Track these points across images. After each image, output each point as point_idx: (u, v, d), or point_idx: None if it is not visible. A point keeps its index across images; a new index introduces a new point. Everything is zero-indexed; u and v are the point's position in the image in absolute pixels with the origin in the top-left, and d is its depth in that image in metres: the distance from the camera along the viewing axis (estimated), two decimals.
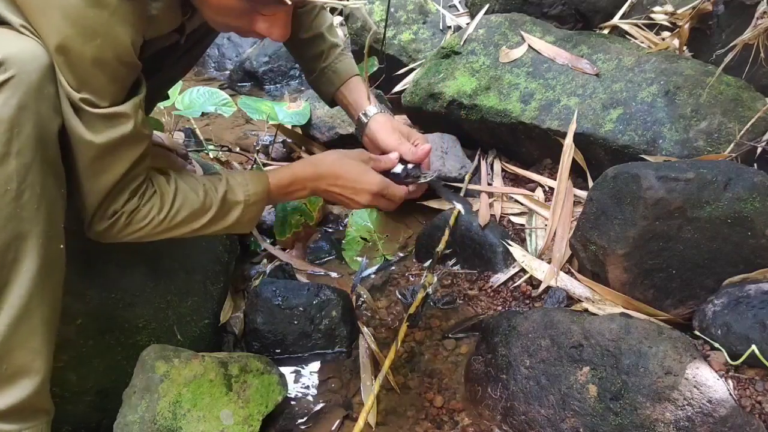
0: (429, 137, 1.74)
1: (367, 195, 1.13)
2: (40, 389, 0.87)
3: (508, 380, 1.15)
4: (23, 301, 0.82)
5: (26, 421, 0.86)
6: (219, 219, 1.04)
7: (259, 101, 1.94)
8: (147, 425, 1.01)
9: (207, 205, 1.02)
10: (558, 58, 1.65)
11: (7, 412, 0.84)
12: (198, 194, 1.01)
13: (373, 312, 1.47)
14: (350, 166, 1.14)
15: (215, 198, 1.03)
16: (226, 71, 2.91)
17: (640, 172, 1.17)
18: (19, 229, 0.81)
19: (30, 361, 0.85)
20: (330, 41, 1.34)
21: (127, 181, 0.93)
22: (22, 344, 0.84)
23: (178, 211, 0.99)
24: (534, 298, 1.39)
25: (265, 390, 1.16)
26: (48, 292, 0.86)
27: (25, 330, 0.83)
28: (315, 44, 1.34)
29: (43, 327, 0.86)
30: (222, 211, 1.04)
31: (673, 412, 0.97)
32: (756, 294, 1.08)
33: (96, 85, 0.84)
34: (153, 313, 1.21)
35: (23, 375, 0.85)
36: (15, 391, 0.84)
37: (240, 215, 1.06)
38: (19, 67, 0.78)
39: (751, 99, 1.43)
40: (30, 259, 0.82)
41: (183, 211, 1.00)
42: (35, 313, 0.84)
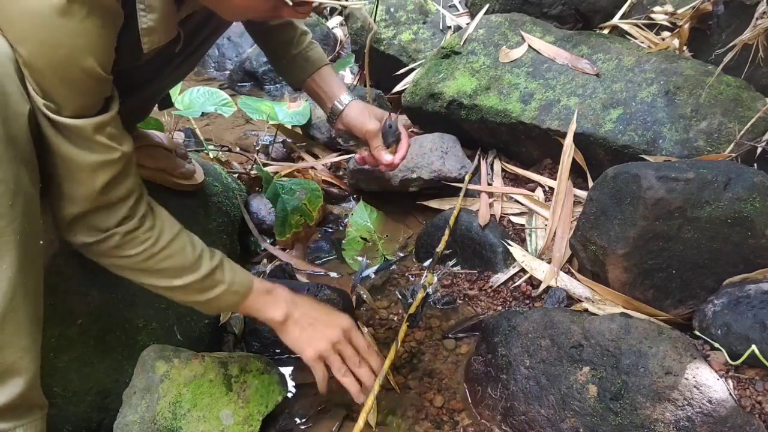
0: (429, 137, 1.75)
1: (337, 331, 1.10)
2: (32, 385, 0.87)
3: (508, 380, 1.15)
4: (6, 300, 0.82)
5: (21, 418, 0.87)
6: (197, 289, 1.01)
7: (259, 101, 1.94)
8: (147, 425, 1.01)
9: (197, 265, 1.00)
10: (558, 58, 1.65)
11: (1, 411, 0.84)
12: (194, 251, 1.01)
13: (373, 312, 1.47)
14: (324, 305, 1.17)
15: (205, 265, 1.01)
16: (226, 71, 2.91)
17: (640, 172, 1.17)
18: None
19: (19, 358, 0.85)
20: (300, 28, 1.35)
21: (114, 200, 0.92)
22: (9, 342, 0.83)
23: (169, 255, 0.98)
24: (534, 298, 1.39)
25: (265, 390, 1.17)
26: (30, 288, 0.85)
27: (11, 328, 0.83)
28: (285, 31, 1.34)
29: (28, 323, 0.85)
30: (203, 282, 1.01)
31: (673, 412, 0.97)
32: (756, 294, 1.08)
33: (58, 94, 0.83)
34: (153, 314, 1.21)
35: (13, 373, 0.85)
36: (6, 390, 0.84)
37: (219, 295, 1.03)
38: None
39: (751, 99, 1.43)
40: (9, 257, 0.81)
41: (173, 259, 0.98)
42: (19, 310, 0.84)
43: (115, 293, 1.16)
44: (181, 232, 1.01)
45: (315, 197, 1.66)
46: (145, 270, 0.98)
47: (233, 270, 1.05)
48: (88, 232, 0.93)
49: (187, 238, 1.01)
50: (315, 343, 1.09)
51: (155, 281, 0.99)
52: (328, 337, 1.09)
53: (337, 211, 1.79)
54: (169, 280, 0.99)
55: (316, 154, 1.96)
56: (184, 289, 1.01)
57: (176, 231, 1.00)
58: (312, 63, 1.35)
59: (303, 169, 1.86)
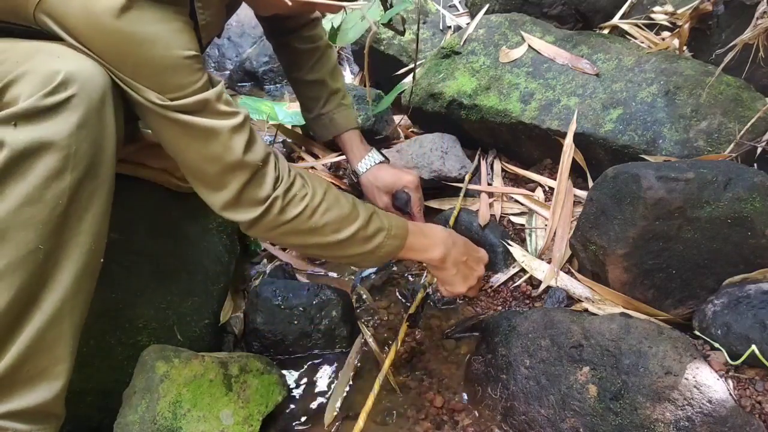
0: (429, 137, 1.75)
1: (482, 266, 1.21)
2: (58, 395, 0.87)
3: (508, 380, 1.15)
4: (55, 308, 0.83)
5: (37, 424, 0.87)
6: (362, 239, 1.02)
7: (259, 101, 1.94)
8: (147, 425, 1.01)
9: (354, 214, 1.01)
10: (558, 58, 1.65)
11: (21, 413, 0.84)
12: (348, 200, 1.02)
13: (373, 312, 1.47)
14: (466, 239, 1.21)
15: (363, 211, 1.02)
16: (226, 71, 2.91)
17: (640, 172, 1.17)
18: (63, 241, 0.83)
19: (52, 366, 0.85)
20: (331, 88, 1.41)
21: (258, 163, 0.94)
22: (47, 349, 0.84)
23: (328, 208, 0.99)
24: (534, 298, 1.39)
25: (265, 390, 1.17)
26: (80, 301, 0.87)
27: (52, 336, 0.84)
28: (316, 88, 1.42)
29: (69, 335, 0.86)
30: (366, 229, 1.02)
31: (673, 412, 0.97)
32: (756, 294, 1.08)
33: (173, 83, 0.87)
34: (154, 314, 1.21)
35: (43, 379, 0.85)
36: (33, 395, 0.85)
37: (381, 242, 1.04)
38: (80, 86, 0.81)
39: (751, 99, 1.43)
40: (68, 270, 0.84)
41: (332, 211, 0.99)
42: (65, 320, 0.85)
43: (115, 293, 1.16)
44: (330, 184, 1.03)
45: None
46: (312, 229, 0.98)
47: (387, 215, 1.07)
48: (251, 208, 0.95)
49: (336, 190, 1.02)
50: (468, 281, 1.19)
51: (323, 238, 1.00)
52: (477, 275, 1.20)
53: None
54: (335, 234, 1.00)
55: (316, 154, 1.96)
56: (350, 242, 1.01)
57: (325, 183, 1.02)
58: (336, 126, 1.42)
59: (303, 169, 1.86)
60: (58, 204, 0.80)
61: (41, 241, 0.80)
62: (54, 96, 0.79)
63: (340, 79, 1.45)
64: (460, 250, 1.16)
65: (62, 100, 0.79)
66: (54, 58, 0.82)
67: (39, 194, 0.79)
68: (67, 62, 0.81)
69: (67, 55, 0.83)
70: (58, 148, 0.79)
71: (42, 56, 0.82)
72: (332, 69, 1.42)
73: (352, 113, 1.45)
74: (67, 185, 0.81)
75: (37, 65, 0.80)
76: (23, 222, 0.78)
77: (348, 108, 1.44)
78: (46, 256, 0.81)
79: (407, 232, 1.08)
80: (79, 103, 0.81)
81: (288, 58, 1.44)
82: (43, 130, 0.78)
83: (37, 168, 0.78)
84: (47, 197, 0.79)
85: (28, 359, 0.83)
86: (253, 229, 0.98)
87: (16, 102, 0.78)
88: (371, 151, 1.46)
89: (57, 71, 0.80)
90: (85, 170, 0.83)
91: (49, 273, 0.83)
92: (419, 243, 1.11)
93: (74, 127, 0.80)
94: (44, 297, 0.83)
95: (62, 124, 0.79)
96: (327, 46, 1.43)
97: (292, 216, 0.97)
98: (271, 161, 0.97)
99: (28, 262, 0.80)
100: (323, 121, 1.43)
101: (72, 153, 0.80)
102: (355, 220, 1.01)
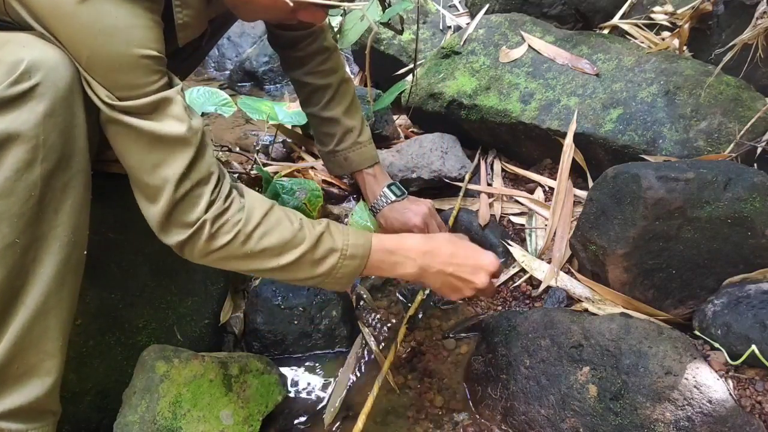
0: (429, 137, 1.74)
1: (485, 275, 1.04)
2: (51, 391, 0.87)
3: (508, 380, 1.15)
4: (39, 303, 0.83)
5: (32, 422, 0.86)
6: (309, 262, 0.95)
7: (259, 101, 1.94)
8: (147, 425, 1.01)
9: (300, 237, 0.94)
10: (558, 58, 1.65)
11: (15, 412, 0.84)
12: (292, 223, 0.94)
13: (373, 312, 1.47)
14: (464, 244, 1.07)
15: (310, 234, 0.95)
16: (226, 71, 2.91)
17: (640, 172, 1.17)
18: (40, 233, 0.82)
19: (41, 361, 0.85)
20: (345, 126, 1.38)
21: (195, 183, 0.88)
22: (34, 345, 0.84)
23: (266, 233, 0.92)
24: (534, 298, 1.39)
25: (265, 390, 1.17)
26: (65, 295, 0.86)
27: (38, 331, 0.84)
28: (330, 125, 1.39)
29: (57, 330, 0.86)
30: (314, 252, 0.95)
31: (673, 412, 0.97)
32: (756, 294, 1.08)
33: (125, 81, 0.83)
34: (153, 313, 1.21)
35: (34, 376, 0.85)
36: (25, 392, 0.84)
37: (335, 264, 0.96)
38: (45, 74, 0.79)
39: (751, 99, 1.43)
40: (49, 263, 0.83)
41: (272, 235, 0.92)
42: (50, 315, 0.84)
43: (114, 293, 1.16)
44: (273, 206, 0.95)
45: (315, 197, 1.66)
46: (249, 255, 0.92)
47: (344, 233, 0.98)
48: (179, 229, 0.89)
49: (281, 212, 0.95)
50: (459, 293, 1.06)
51: (262, 264, 0.93)
52: (473, 287, 1.05)
53: (337, 211, 1.78)
54: (276, 260, 0.93)
55: (316, 154, 1.96)
56: (297, 266, 0.94)
57: (267, 206, 0.94)
58: (350, 166, 1.40)
59: (303, 169, 1.85)
60: (30, 196, 0.79)
61: (17, 234, 0.79)
62: (18, 85, 0.77)
63: (356, 115, 1.39)
64: (443, 260, 1.03)
65: (26, 89, 0.78)
66: (19, 47, 0.80)
67: (10, 186, 0.78)
68: (31, 51, 0.79)
69: (32, 44, 0.81)
70: (26, 138, 0.77)
71: (9, 46, 0.80)
72: (348, 106, 1.38)
73: (367, 151, 1.39)
74: (38, 176, 0.79)
75: (3, 55, 0.79)
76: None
77: (364, 146, 1.38)
78: (23, 249, 0.80)
79: (369, 251, 0.99)
80: (44, 92, 0.79)
81: (303, 94, 1.42)
82: (9, 122, 0.77)
83: (6, 160, 0.77)
84: (18, 189, 0.78)
85: (16, 356, 0.82)
86: (184, 252, 0.92)
87: None
88: (384, 189, 1.40)
89: (20, 60, 0.78)
90: (56, 161, 0.81)
91: (28, 267, 0.82)
92: (386, 260, 1.01)
93: (41, 117, 0.78)
94: (26, 291, 0.82)
95: (28, 114, 0.78)
96: (342, 82, 1.38)
97: (222, 243, 0.90)
98: (211, 182, 0.90)
99: (6, 257, 0.79)
100: (337, 158, 1.40)
101: (40, 143, 0.78)
102: (299, 244, 0.94)
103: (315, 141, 1.47)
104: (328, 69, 1.38)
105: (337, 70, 1.39)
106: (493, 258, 1.07)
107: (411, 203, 1.39)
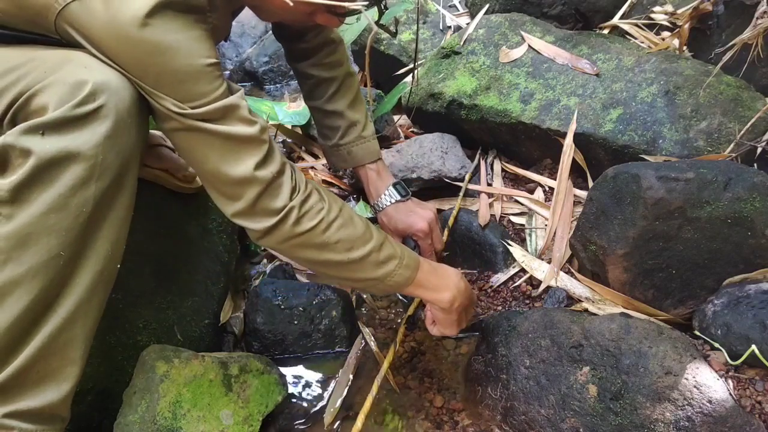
0: (429, 137, 1.74)
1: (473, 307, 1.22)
2: (66, 398, 0.87)
3: (508, 380, 1.15)
4: (70, 312, 0.84)
5: (42, 424, 0.86)
6: (374, 262, 1.01)
7: (259, 101, 1.94)
8: (147, 425, 1.01)
9: (368, 235, 1.00)
10: (558, 58, 1.65)
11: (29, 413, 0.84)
12: (362, 220, 1.01)
13: (373, 312, 1.47)
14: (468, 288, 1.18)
15: (377, 234, 1.01)
16: (226, 71, 2.91)
17: (640, 172, 1.17)
18: (83, 247, 0.84)
19: (62, 367, 0.86)
20: (349, 119, 1.38)
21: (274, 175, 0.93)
22: (59, 351, 0.85)
23: (343, 224, 0.98)
24: (534, 298, 1.39)
25: (265, 390, 1.17)
26: (94, 305, 0.88)
27: (65, 338, 0.84)
28: (334, 118, 1.39)
29: (82, 338, 0.87)
30: (379, 253, 1.01)
31: (673, 412, 0.97)
32: (756, 294, 1.08)
33: (195, 91, 0.87)
34: (154, 313, 1.21)
35: (53, 381, 0.85)
36: (41, 396, 0.85)
37: (392, 270, 1.02)
38: (108, 97, 0.82)
39: (751, 99, 1.43)
40: (85, 275, 0.84)
41: (346, 228, 0.98)
42: (78, 323, 0.85)
43: (115, 293, 1.15)
44: (345, 202, 1.02)
45: None
46: (325, 244, 0.97)
47: (401, 245, 1.06)
48: (266, 217, 0.94)
49: (350, 209, 1.02)
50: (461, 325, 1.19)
51: (335, 255, 0.98)
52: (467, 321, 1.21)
53: None
54: (347, 253, 0.98)
55: (316, 154, 1.96)
56: (362, 263, 1.00)
57: (340, 201, 1.01)
58: (353, 160, 1.40)
59: (303, 169, 1.86)
60: (81, 212, 0.81)
61: (63, 247, 0.81)
62: (83, 107, 0.80)
63: (360, 109, 1.40)
64: (466, 295, 1.15)
65: (90, 111, 0.80)
66: (81, 68, 0.82)
67: (64, 202, 0.80)
68: (94, 73, 0.82)
69: (94, 66, 0.84)
70: (85, 158, 0.80)
71: (70, 66, 0.83)
72: (352, 100, 1.38)
73: (371, 146, 1.40)
74: (92, 194, 0.82)
75: (65, 75, 0.81)
76: (47, 228, 0.79)
77: (367, 141, 1.39)
78: (66, 262, 0.82)
79: (419, 266, 1.07)
80: (107, 114, 0.82)
81: (307, 87, 1.41)
82: (71, 140, 0.79)
83: (64, 177, 0.79)
84: (72, 205, 0.80)
85: (40, 360, 0.83)
86: (265, 239, 0.97)
87: (45, 111, 0.79)
88: (389, 187, 1.40)
89: (85, 81, 0.80)
90: (110, 180, 0.84)
91: (67, 278, 0.83)
92: (431, 281, 1.09)
93: (102, 138, 0.81)
94: (60, 301, 0.83)
95: (90, 135, 0.80)
96: (347, 75, 1.39)
97: (306, 228, 0.95)
98: (287, 171, 0.96)
99: (50, 268, 0.81)
100: (341, 152, 1.40)
101: (98, 162, 0.81)
102: (369, 241, 1.00)
103: (317, 135, 1.47)
104: (334, 61, 1.38)
105: (342, 62, 1.39)
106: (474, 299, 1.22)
107: (416, 206, 1.39)
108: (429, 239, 1.37)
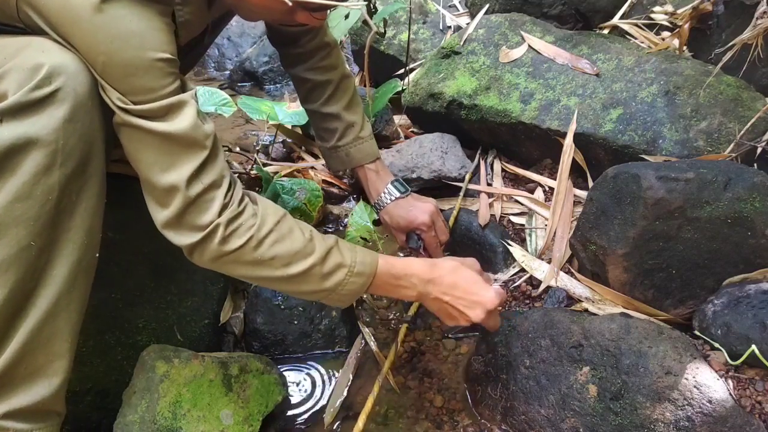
0: (429, 137, 1.75)
1: (482, 311, 1.03)
2: (57, 392, 0.87)
3: (508, 380, 1.15)
4: (50, 305, 0.83)
5: (37, 422, 0.86)
6: (318, 275, 0.95)
7: (259, 101, 1.94)
8: (147, 425, 1.01)
9: (309, 248, 0.94)
10: (558, 58, 1.65)
11: (21, 412, 0.84)
12: (303, 233, 0.95)
13: (373, 312, 1.47)
14: (469, 276, 1.05)
15: (320, 246, 0.95)
16: (226, 71, 2.91)
17: (640, 172, 1.17)
18: (55, 236, 0.82)
19: (49, 362, 0.85)
20: (346, 121, 1.37)
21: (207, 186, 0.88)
22: (43, 346, 0.84)
23: (277, 240, 0.92)
24: (534, 298, 1.39)
25: (265, 390, 1.17)
26: (75, 297, 0.87)
27: (48, 332, 0.84)
28: (331, 121, 1.39)
29: (66, 331, 0.86)
30: (323, 265, 0.95)
31: (673, 412, 0.97)
32: (756, 294, 1.08)
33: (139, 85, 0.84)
34: (153, 313, 1.21)
35: (41, 376, 0.85)
36: (31, 393, 0.84)
37: (342, 280, 0.97)
38: (65, 80, 0.80)
39: (751, 99, 1.43)
40: (62, 265, 0.83)
41: (282, 243, 0.92)
42: (60, 316, 0.85)
43: (114, 293, 1.16)
44: (285, 215, 0.96)
45: (315, 197, 1.66)
46: (258, 261, 0.91)
47: (352, 250, 0.99)
48: (191, 232, 0.89)
49: (293, 222, 0.96)
50: (454, 321, 1.07)
51: (271, 272, 0.93)
52: (468, 320, 1.05)
53: (337, 211, 1.78)
54: (285, 269, 0.93)
55: (316, 154, 1.96)
56: (304, 277, 0.94)
57: (280, 214, 0.95)
58: (351, 160, 1.39)
59: (303, 169, 1.86)
60: (47, 200, 0.80)
61: (33, 237, 0.80)
62: (38, 90, 0.78)
63: (357, 110, 1.39)
64: (442, 289, 1.04)
65: (47, 95, 0.78)
66: (39, 52, 0.80)
67: (29, 190, 0.78)
68: (51, 56, 0.80)
69: (51, 50, 0.81)
70: (45, 143, 0.78)
71: (28, 51, 0.81)
72: (348, 101, 1.38)
73: (369, 147, 1.39)
74: (56, 181, 0.80)
75: (23, 60, 0.79)
76: (14, 219, 0.78)
77: (365, 141, 1.39)
78: (38, 252, 0.81)
79: (375, 270, 1.00)
80: (64, 98, 0.80)
81: (303, 90, 1.41)
82: (29, 126, 0.78)
83: (26, 164, 0.78)
84: (37, 193, 0.79)
85: (25, 356, 0.83)
86: (193, 256, 0.92)
87: (5, 98, 0.78)
88: (388, 185, 1.39)
89: (41, 65, 0.79)
90: (74, 166, 0.82)
91: (42, 269, 0.82)
92: (390, 282, 1.03)
93: (61, 122, 0.79)
94: (39, 293, 0.82)
95: (48, 119, 0.78)
96: (343, 78, 1.38)
97: (235, 246, 0.89)
98: (223, 185, 0.90)
99: (21, 259, 0.79)
100: (339, 154, 1.39)
101: (60, 148, 0.79)
102: (309, 255, 0.94)
103: (315, 138, 1.47)
104: (329, 65, 1.37)
105: (337, 65, 1.39)
106: (494, 295, 1.04)
107: (416, 201, 1.39)
108: (432, 231, 1.36)
